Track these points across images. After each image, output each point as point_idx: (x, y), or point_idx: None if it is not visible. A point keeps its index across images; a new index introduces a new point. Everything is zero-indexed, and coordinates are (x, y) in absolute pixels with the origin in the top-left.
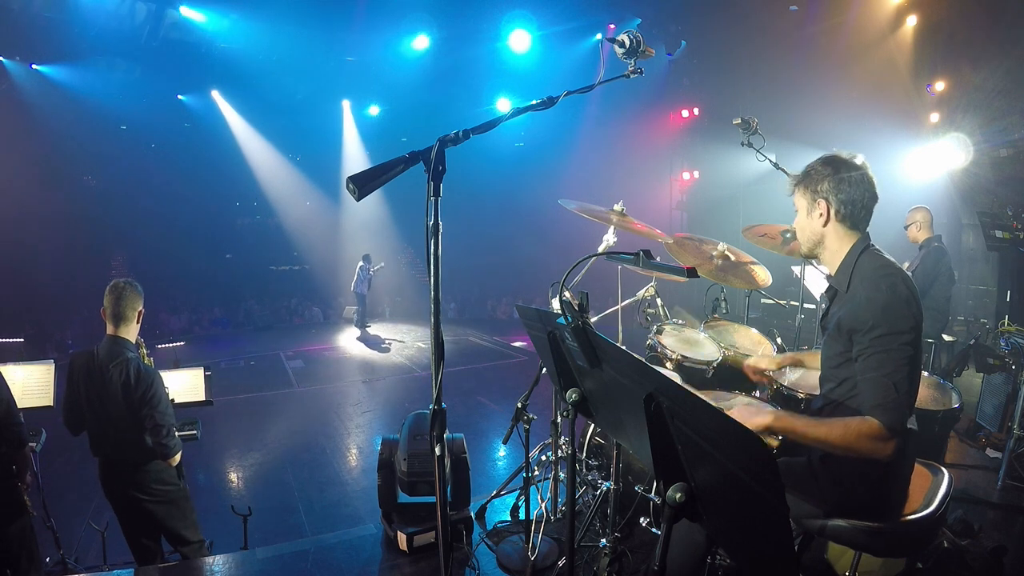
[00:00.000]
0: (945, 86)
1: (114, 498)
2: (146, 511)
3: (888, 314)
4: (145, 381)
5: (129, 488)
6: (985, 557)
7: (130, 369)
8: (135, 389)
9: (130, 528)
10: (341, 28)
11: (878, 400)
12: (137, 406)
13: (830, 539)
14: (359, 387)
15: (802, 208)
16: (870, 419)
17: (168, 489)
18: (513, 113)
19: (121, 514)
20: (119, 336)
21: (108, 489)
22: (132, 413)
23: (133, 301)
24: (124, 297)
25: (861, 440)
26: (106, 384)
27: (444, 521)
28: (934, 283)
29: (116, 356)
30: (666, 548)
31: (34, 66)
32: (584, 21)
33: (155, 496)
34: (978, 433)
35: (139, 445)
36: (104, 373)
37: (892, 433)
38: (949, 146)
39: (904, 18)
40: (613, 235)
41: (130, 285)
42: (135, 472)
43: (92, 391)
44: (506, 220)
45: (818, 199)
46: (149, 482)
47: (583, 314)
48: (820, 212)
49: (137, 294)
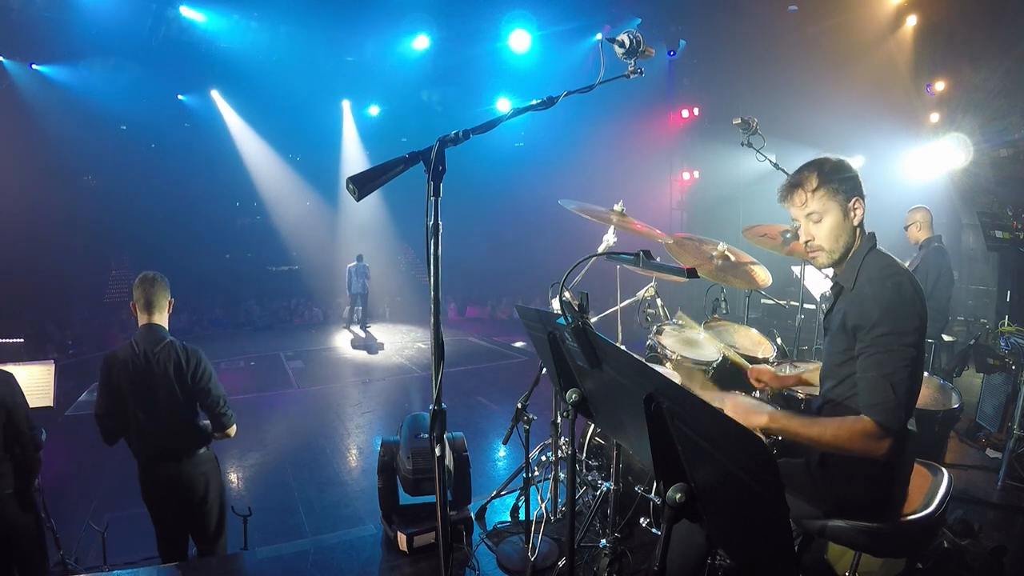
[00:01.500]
0: (945, 86)
1: (159, 497)
2: (190, 507)
3: (892, 313)
4: (195, 356)
5: (174, 482)
6: (985, 557)
7: (177, 349)
8: (187, 366)
9: (168, 528)
10: (341, 28)
11: (875, 400)
12: (191, 383)
13: (830, 539)
14: (359, 387)
15: (832, 211)
16: (865, 418)
17: (212, 481)
18: (513, 113)
19: (162, 514)
20: (154, 323)
21: (153, 488)
22: (185, 393)
23: (163, 290)
24: (155, 285)
25: (855, 439)
26: (153, 370)
27: (444, 521)
28: (935, 283)
29: (159, 341)
30: (666, 548)
31: (34, 66)
32: (584, 21)
33: (199, 490)
34: (978, 433)
35: (190, 430)
36: (149, 360)
37: (886, 432)
38: (949, 146)
39: (904, 18)
40: (613, 235)
41: (159, 276)
42: (183, 465)
43: (138, 383)
44: (506, 220)
45: (854, 198)
46: (196, 474)
47: (583, 314)
48: (858, 211)
49: (165, 284)
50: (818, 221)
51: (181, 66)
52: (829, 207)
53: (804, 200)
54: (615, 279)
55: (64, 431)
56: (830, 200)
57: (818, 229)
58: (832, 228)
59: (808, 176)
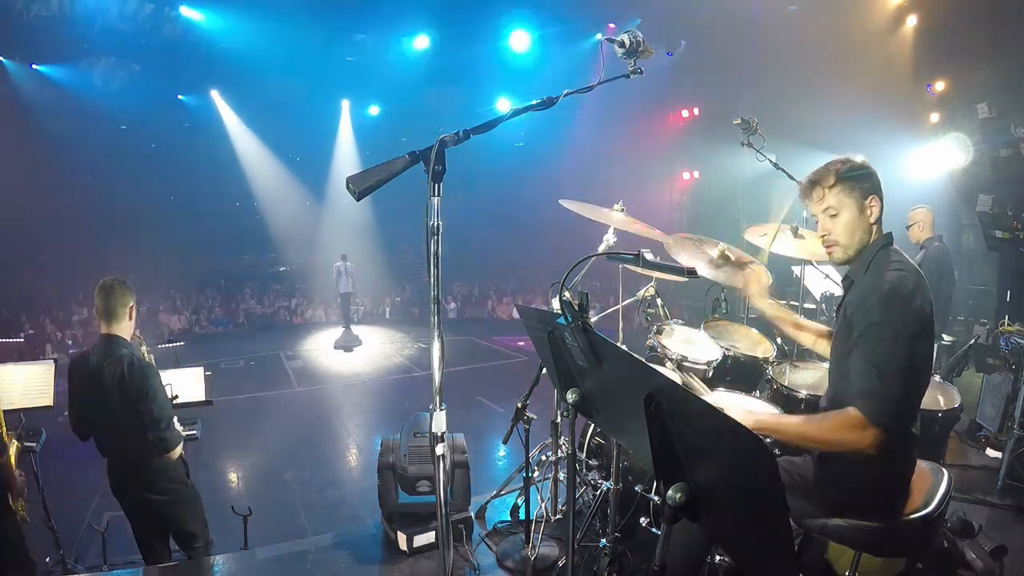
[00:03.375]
0: (945, 86)
1: (123, 499)
2: (156, 511)
3: (886, 304)
4: (139, 375)
5: (138, 488)
6: (985, 557)
7: (123, 365)
8: (129, 384)
9: (140, 529)
10: (341, 28)
11: (861, 387)
12: (134, 401)
13: (830, 538)
14: (359, 387)
15: (848, 207)
16: (850, 408)
17: (177, 488)
18: (513, 113)
19: (131, 515)
20: (112, 334)
21: (117, 490)
22: (129, 409)
23: (123, 297)
24: (113, 294)
25: (839, 430)
26: (101, 383)
27: (444, 521)
28: (937, 283)
29: (110, 354)
30: (666, 548)
31: (34, 66)
32: (584, 21)
33: (164, 495)
34: (978, 433)
35: (141, 443)
36: (99, 373)
37: (870, 424)
38: (949, 146)
39: (904, 18)
40: (613, 235)
41: (119, 282)
42: (141, 471)
43: (91, 392)
44: (506, 220)
45: (870, 195)
46: (157, 481)
47: (583, 314)
48: (874, 208)
49: (127, 290)
50: (834, 216)
51: (181, 66)
52: (845, 203)
53: (822, 196)
54: (615, 279)
55: (64, 430)
56: (846, 196)
57: (834, 224)
58: (848, 223)
59: (827, 173)
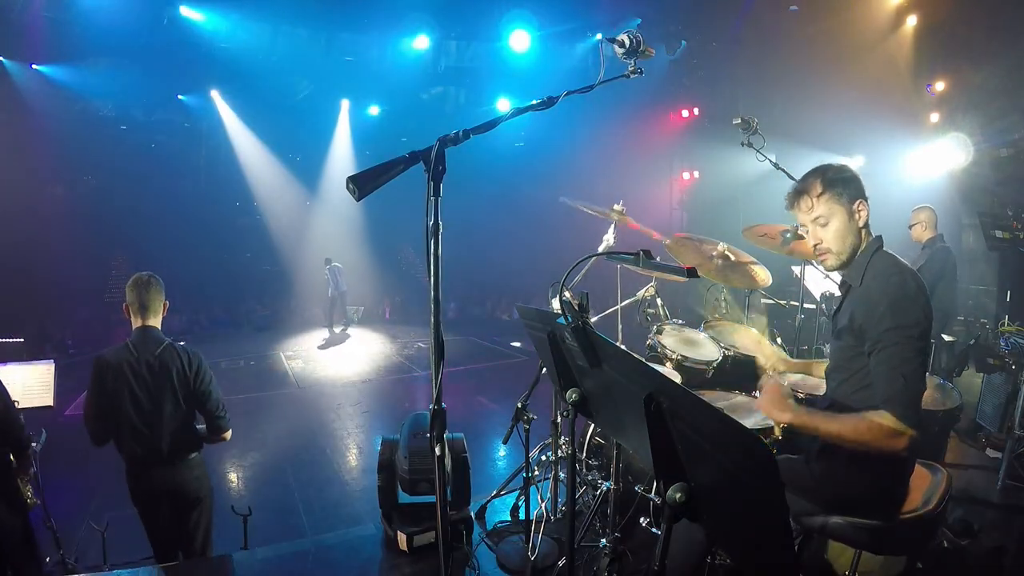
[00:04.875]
0: (945, 86)
1: (150, 501)
2: (181, 512)
3: (896, 309)
4: (196, 359)
5: (168, 486)
6: (985, 557)
7: (178, 351)
8: (189, 369)
9: (163, 531)
10: (341, 28)
11: (890, 394)
12: (194, 387)
13: (830, 537)
14: (359, 387)
15: (838, 214)
16: (884, 413)
17: (203, 487)
18: (513, 113)
19: (153, 517)
20: (149, 326)
21: (143, 490)
22: (186, 397)
23: (158, 292)
24: (150, 288)
25: (875, 434)
26: (154, 374)
27: (444, 521)
28: (940, 283)
29: (159, 343)
30: (666, 548)
31: (34, 66)
32: (584, 21)
33: (191, 494)
34: (978, 433)
35: (187, 434)
36: (149, 364)
37: (905, 428)
38: (949, 146)
39: (904, 18)
40: (613, 235)
41: (153, 277)
42: (176, 469)
43: (137, 387)
44: (506, 220)
45: (858, 200)
46: (189, 479)
47: (583, 314)
48: (862, 212)
49: (160, 286)
50: (825, 224)
51: (181, 66)
52: (834, 210)
53: (810, 205)
54: (615, 279)
55: (64, 430)
56: (835, 203)
57: (825, 232)
58: (838, 230)
59: (813, 182)
